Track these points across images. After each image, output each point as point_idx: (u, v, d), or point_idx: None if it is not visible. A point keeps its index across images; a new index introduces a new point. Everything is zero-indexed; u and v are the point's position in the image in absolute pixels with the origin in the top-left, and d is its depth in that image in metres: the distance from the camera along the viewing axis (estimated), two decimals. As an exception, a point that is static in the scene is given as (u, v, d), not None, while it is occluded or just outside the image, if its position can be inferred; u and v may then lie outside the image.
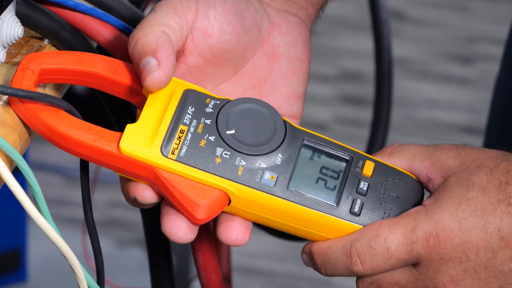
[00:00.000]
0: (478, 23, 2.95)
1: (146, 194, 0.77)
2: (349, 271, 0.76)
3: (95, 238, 0.93)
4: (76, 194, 1.52)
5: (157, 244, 0.94)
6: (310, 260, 0.78)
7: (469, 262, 0.74)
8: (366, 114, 2.24)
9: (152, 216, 0.80)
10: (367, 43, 1.50)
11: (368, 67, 2.21)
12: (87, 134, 0.75)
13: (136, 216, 0.95)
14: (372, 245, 0.74)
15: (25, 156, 0.78)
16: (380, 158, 0.80)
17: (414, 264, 0.75)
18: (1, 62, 0.79)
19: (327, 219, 0.76)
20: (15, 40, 0.81)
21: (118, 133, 0.75)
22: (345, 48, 2.77)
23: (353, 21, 2.82)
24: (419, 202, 0.78)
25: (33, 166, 2.15)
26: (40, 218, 0.73)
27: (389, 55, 1.15)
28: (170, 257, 0.95)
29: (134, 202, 0.78)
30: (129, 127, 0.75)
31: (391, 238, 0.74)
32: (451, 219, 0.74)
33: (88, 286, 0.77)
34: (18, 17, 0.81)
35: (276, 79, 0.84)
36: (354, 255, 0.74)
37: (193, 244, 0.84)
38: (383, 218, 0.76)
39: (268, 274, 2.15)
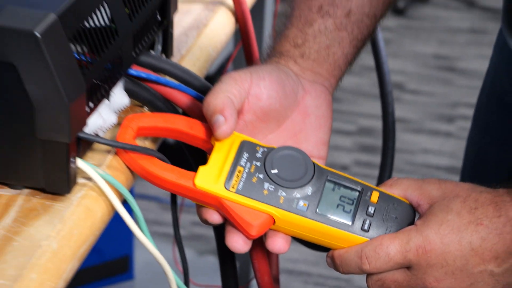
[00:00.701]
0: (458, 93, 2.93)
1: (214, 217, 0.77)
2: (360, 270, 0.76)
3: (182, 248, 0.92)
4: (168, 216, 1.54)
5: (225, 253, 0.93)
6: (332, 262, 0.79)
7: (448, 266, 0.74)
8: (377, 159, 2.24)
9: (221, 233, 0.80)
10: (377, 108, 1.49)
11: (378, 125, 2.24)
12: (172, 175, 0.76)
13: (211, 233, 0.96)
14: (377, 251, 0.74)
15: (131, 189, 0.78)
16: (383, 188, 0.80)
17: (408, 267, 0.75)
18: (114, 124, 0.80)
19: (344, 234, 0.77)
20: (124, 108, 0.82)
21: (193, 173, 0.76)
22: (362, 111, 2.76)
23: (367, 92, 2.82)
24: (412, 221, 0.78)
25: (137, 196, 2.19)
26: (141, 236, 0.74)
27: (393, 117, 1.14)
28: (234, 263, 0.94)
29: (205, 222, 0.79)
30: (201, 168, 0.76)
31: (391, 247, 0.74)
32: (435, 235, 0.74)
33: (176, 284, 0.77)
34: (125, 91, 0.82)
35: (308, 131, 0.84)
36: (363, 258, 0.75)
37: (250, 253, 0.83)
38: (385, 233, 0.76)
39: (306, 274, 2.14)
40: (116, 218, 0.74)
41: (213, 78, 1.62)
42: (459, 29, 3.35)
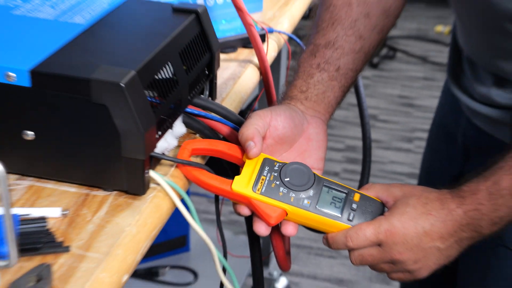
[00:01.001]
0: (415, 122, 2.91)
1: (245, 211, 0.77)
2: (345, 246, 0.75)
3: (221, 231, 0.92)
4: (214, 207, 1.56)
5: (253, 235, 0.92)
6: (326, 242, 0.78)
7: (408, 243, 0.74)
8: (358, 168, 2.23)
9: (250, 221, 0.80)
10: (359, 132, 1.50)
11: (359, 144, 2.24)
12: (216, 182, 0.76)
13: (243, 219, 0.95)
14: (358, 233, 0.74)
15: (187, 191, 0.78)
16: (362, 191, 0.79)
17: (379, 244, 0.74)
18: (175, 146, 0.80)
19: (335, 223, 0.76)
20: (182, 135, 0.82)
21: (231, 180, 0.75)
22: (348, 135, 2.75)
23: (351, 121, 2.81)
24: (382, 213, 0.77)
25: (192, 193, 2.19)
26: (193, 223, 0.74)
27: (369, 139, 1.13)
28: (259, 241, 0.93)
29: (239, 214, 0.78)
30: (236, 177, 0.76)
31: (367, 230, 0.74)
32: (398, 222, 0.74)
33: (217, 256, 0.77)
34: (183, 123, 0.82)
35: (311, 151, 0.83)
36: (348, 238, 0.74)
37: (270, 235, 0.82)
38: (363, 222, 0.76)
39: (309, 247, 2.14)
40: (177, 209, 0.74)
41: (244, 112, 1.63)
42: (416, 77, 3.34)
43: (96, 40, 0.76)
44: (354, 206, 0.77)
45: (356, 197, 0.78)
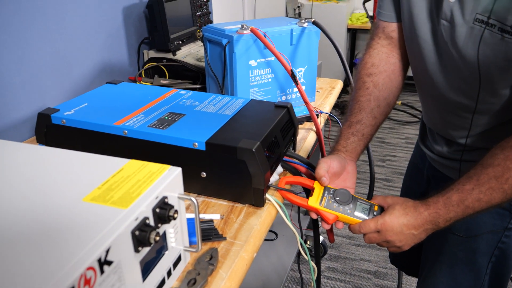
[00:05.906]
0: (399, 163, 2.71)
1: (314, 215, 0.70)
2: (359, 231, 0.68)
3: (299, 218, 0.86)
4: (295, 208, 1.44)
5: (315, 224, 0.86)
6: (351, 229, 0.70)
7: (394, 231, 0.66)
8: (366, 180, 2.08)
9: (316, 221, 0.74)
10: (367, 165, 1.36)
11: (367, 169, 2.03)
12: (298, 199, 0.70)
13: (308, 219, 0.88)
14: (366, 223, 0.67)
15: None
16: (371, 201, 0.72)
17: (378, 231, 0.67)
18: (277, 179, 0.74)
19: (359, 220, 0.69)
20: (280, 173, 0.77)
21: (306, 199, 0.70)
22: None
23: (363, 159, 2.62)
24: (381, 213, 0.69)
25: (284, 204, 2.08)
26: (284, 216, 0.68)
27: (373, 169, 1.03)
28: (318, 227, 0.87)
29: (311, 217, 0.71)
30: (310, 198, 0.70)
31: (371, 223, 0.67)
32: (388, 219, 0.66)
33: (298, 238, 0.70)
34: (281, 166, 0.77)
35: (349, 178, 0.75)
36: (361, 226, 0.67)
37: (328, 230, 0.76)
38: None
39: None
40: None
41: (308, 157, 1.56)
42: (402, 136, 3.13)
43: (237, 123, 0.74)
44: (374, 212, 0.69)
45: (376, 207, 0.70)
